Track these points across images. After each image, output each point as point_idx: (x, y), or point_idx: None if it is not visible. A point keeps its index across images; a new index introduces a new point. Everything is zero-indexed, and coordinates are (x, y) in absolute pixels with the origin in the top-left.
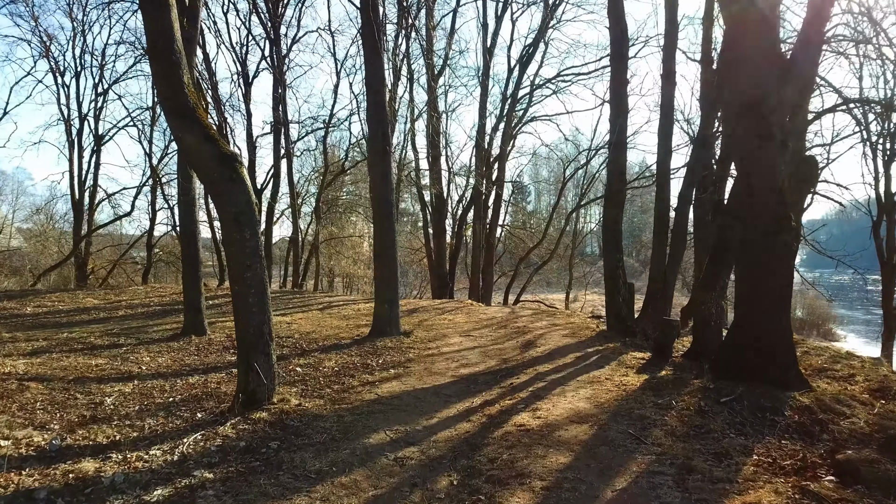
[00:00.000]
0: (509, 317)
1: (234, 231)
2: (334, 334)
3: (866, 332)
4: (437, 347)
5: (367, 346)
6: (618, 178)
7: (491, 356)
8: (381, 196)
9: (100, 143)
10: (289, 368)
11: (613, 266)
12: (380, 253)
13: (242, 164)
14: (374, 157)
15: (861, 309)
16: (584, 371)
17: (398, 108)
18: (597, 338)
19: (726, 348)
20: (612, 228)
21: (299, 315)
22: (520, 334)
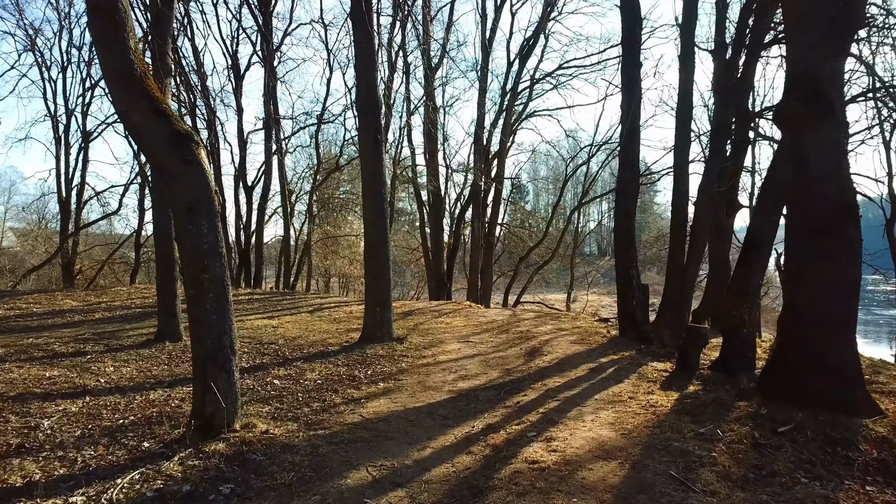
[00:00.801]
0: (511, 320)
1: (190, 223)
2: (321, 340)
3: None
4: (433, 355)
5: (356, 353)
6: (630, 168)
7: (493, 366)
8: (372, 189)
9: (87, 140)
10: (266, 380)
11: (626, 266)
12: (371, 251)
13: (200, 144)
14: (364, 147)
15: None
16: (602, 386)
17: (393, 102)
18: (609, 345)
19: (776, 365)
20: (625, 224)
21: (287, 318)
22: (523, 340)
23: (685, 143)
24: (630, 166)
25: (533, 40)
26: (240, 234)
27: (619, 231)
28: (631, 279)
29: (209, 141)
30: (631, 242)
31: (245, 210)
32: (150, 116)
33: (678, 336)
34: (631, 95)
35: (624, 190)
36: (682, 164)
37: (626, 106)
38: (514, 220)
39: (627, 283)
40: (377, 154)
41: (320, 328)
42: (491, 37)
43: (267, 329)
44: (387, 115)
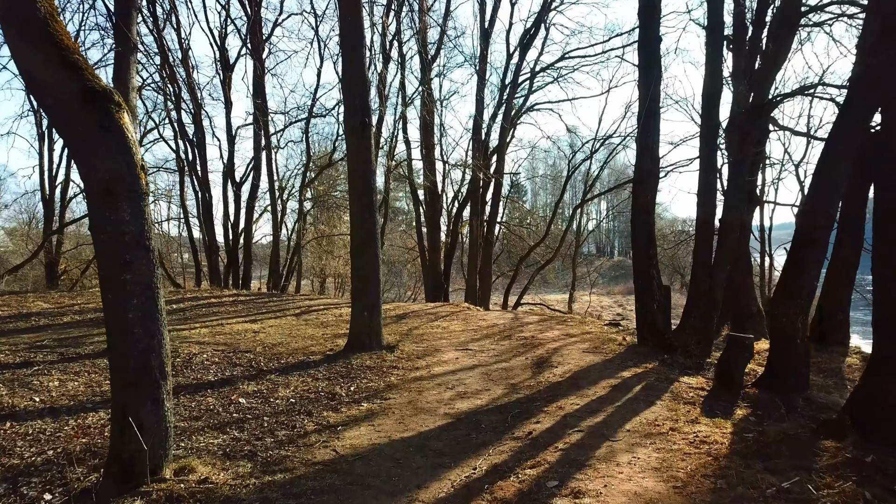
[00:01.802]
0: (513, 324)
1: (107, 208)
2: (304, 347)
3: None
4: (428, 366)
5: (340, 364)
6: (649, 156)
7: (495, 380)
8: (358, 179)
9: None
10: (230, 399)
11: (646, 265)
12: (358, 249)
13: (123, 107)
14: (350, 132)
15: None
16: (632, 411)
17: (388, 94)
18: (627, 355)
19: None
20: (644, 219)
21: (270, 322)
22: (528, 348)
23: (713, 129)
24: (649, 153)
25: (534, 30)
26: (228, 233)
27: (637, 226)
28: (651, 280)
29: (195, 135)
30: (651, 239)
31: (233, 208)
32: (56, 69)
33: (706, 345)
34: (649, 74)
35: (643, 180)
36: (711, 146)
37: (644, 86)
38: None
39: (647, 285)
40: (364, 140)
41: (304, 333)
42: (490, 26)
43: (246, 334)
44: (381, 107)
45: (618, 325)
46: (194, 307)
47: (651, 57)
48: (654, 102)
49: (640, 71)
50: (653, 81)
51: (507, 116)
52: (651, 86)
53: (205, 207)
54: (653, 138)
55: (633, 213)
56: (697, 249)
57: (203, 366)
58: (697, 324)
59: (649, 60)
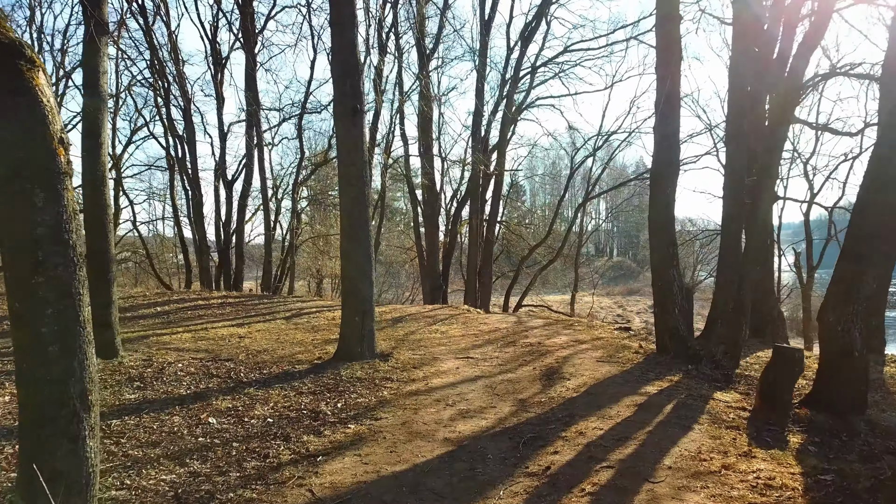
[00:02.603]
0: (516, 328)
1: (17, 195)
2: (290, 355)
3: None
4: (425, 378)
5: (328, 375)
6: (669, 145)
7: (501, 395)
8: (349, 171)
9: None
10: (199, 418)
11: (666, 265)
12: (348, 247)
13: (38, 65)
14: (341, 119)
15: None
16: (667, 438)
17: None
18: (647, 365)
19: None
20: (663, 215)
21: (258, 326)
22: (536, 356)
23: (740, 112)
24: (669, 143)
25: (535, 23)
26: (219, 232)
27: (655, 223)
28: (672, 282)
29: (185, 131)
30: (671, 237)
31: (225, 206)
32: None
33: (734, 355)
34: (669, 55)
35: (662, 172)
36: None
37: (663, 68)
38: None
39: (667, 287)
40: (356, 127)
41: (293, 339)
42: (490, 18)
43: (231, 340)
44: (377, 101)
45: (629, 330)
46: (179, 310)
47: (670, 37)
48: (674, 87)
49: (659, 53)
50: (672, 64)
51: (507, 112)
52: (671, 68)
53: (195, 206)
54: (673, 126)
55: (651, 210)
56: (724, 251)
57: (176, 377)
58: (724, 331)
59: (668, 41)
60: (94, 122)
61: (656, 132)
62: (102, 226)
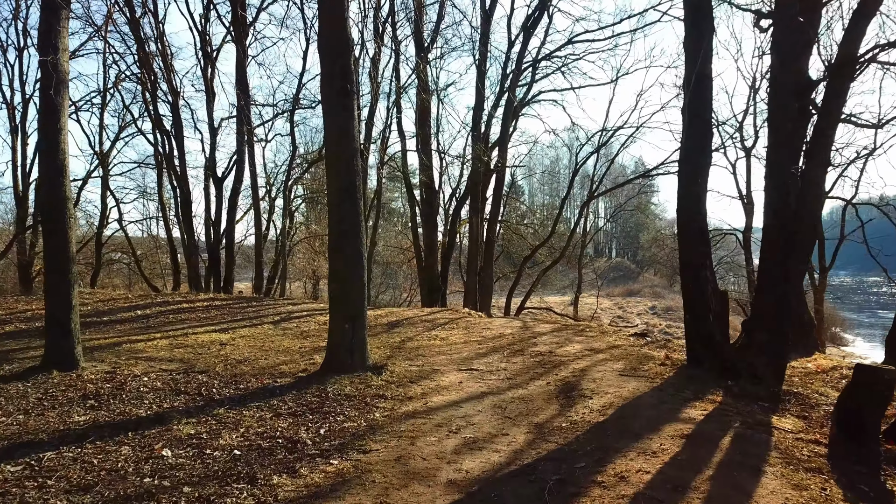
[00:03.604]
0: (522, 334)
1: None
2: (273, 366)
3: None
4: (423, 395)
5: (313, 391)
6: (701, 130)
7: (514, 417)
8: (338, 160)
9: None
10: (152, 449)
11: (697, 265)
12: (337, 246)
13: None
14: (328, 103)
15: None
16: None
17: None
18: (679, 380)
19: None
20: (694, 208)
21: (244, 331)
22: (548, 368)
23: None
24: (701, 126)
25: (537, 14)
26: (210, 232)
27: (685, 218)
28: (704, 284)
29: (173, 126)
30: (703, 233)
31: (215, 205)
32: None
33: (779, 368)
34: (700, 31)
35: (693, 160)
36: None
37: (695, 43)
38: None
39: (700, 290)
40: (346, 111)
41: (279, 346)
42: (491, 9)
43: (211, 347)
44: (373, 93)
45: (645, 337)
46: (161, 313)
47: (699, 11)
48: (706, 62)
49: (687, 26)
50: (704, 37)
51: (508, 107)
52: (702, 42)
53: (183, 204)
54: (705, 105)
55: (680, 203)
56: (767, 248)
57: (138, 394)
58: (768, 340)
59: (698, 17)
60: (51, 106)
61: (686, 114)
62: (61, 222)
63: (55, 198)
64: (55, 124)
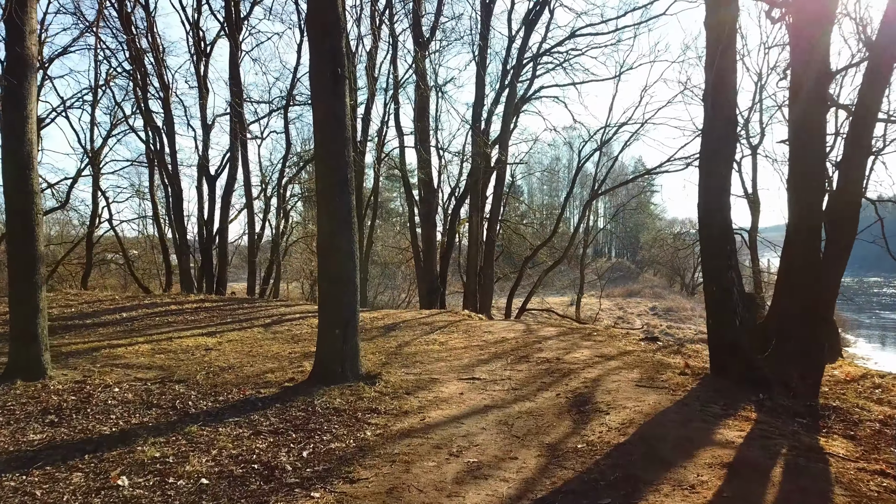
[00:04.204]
0: (526, 338)
1: None
2: (258, 374)
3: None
4: (421, 409)
5: (299, 405)
6: (724, 115)
7: (522, 437)
8: (328, 150)
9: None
10: (107, 477)
11: (722, 265)
12: (327, 244)
13: None
14: (318, 85)
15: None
16: None
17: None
18: (704, 392)
19: None
20: (718, 202)
21: (232, 335)
22: (557, 377)
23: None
24: (724, 112)
25: (539, 8)
26: (202, 231)
27: (708, 213)
28: (730, 286)
29: (164, 123)
30: (728, 230)
31: (208, 204)
32: None
33: (814, 379)
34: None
35: (716, 149)
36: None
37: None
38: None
39: (725, 293)
40: (338, 97)
41: (268, 351)
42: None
43: (195, 353)
44: (370, 88)
45: (657, 341)
46: (148, 316)
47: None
48: (731, 43)
49: (709, 5)
50: (729, 15)
51: (509, 103)
52: (726, 22)
53: (175, 202)
54: (728, 93)
55: (702, 197)
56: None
57: (105, 408)
58: (801, 349)
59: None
60: (17, 92)
61: (707, 101)
62: (27, 220)
63: (21, 193)
64: (22, 111)
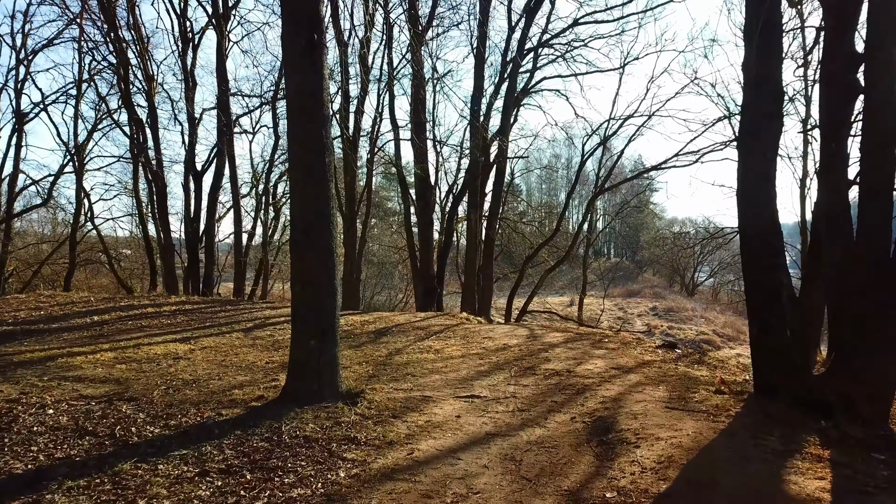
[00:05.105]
0: (530, 345)
1: None
2: (225, 389)
3: None
4: (409, 439)
5: (263, 431)
6: (770, 92)
7: (533, 479)
8: (304, 132)
9: (21, 122)
10: None
11: (767, 263)
12: (301, 239)
13: None
14: (291, 56)
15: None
16: None
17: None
18: (751, 417)
19: None
20: (760, 189)
21: (208, 341)
22: (569, 394)
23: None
24: (769, 87)
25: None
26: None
27: (748, 201)
28: (777, 289)
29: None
30: (773, 224)
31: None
32: None
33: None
34: None
35: (758, 131)
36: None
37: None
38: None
39: (771, 297)
40: (315, 70)
41: (243, 361)
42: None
43: (162, 362)
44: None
45: (675, 348)
46: (121, 319)
47: None
48: (774, 11)
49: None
50: None
51: (509, 96)
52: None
53: (159, 199)
54: (773, 63)
55: (741, 183)
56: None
57: (28, 435)
58: (866, 364)
59: None
60: None
61: (748, 73)
62: None
63: None
64: None
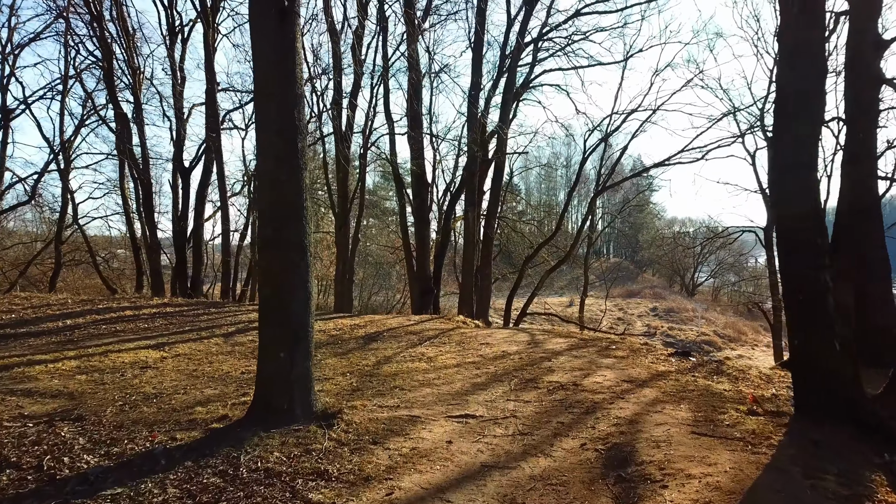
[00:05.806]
0: (531, 353)
1: None
2: (188, 406)
3: None
4: (390, 473)
5: (218, 462)
6: (811, 64)
7: None
8: (276, 112)
9: (8, 119)
10: None
11: (809, 264)
12: (271, 236)
13: None
14: (259, 27)
15: None
16: None
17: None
18: (798, 446)
19: None
20: (800, 180)
21: (183, 348)
22: (577, 414)
23: None
24: (811, 59)
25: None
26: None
27: (787, 193)
28: (823, 294)
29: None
30: (817, 218)
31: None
32: None
33: None
34: None
35: (797, 111)
36: None
37: None
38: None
39: (816, 302)
40: (286, 38)
41: (217, 370)
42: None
43: (126, 373)
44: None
45: (689, 357)
46: (95, 323)
47: None
48: None
49: None
50: None
51: (508, 90)
52: None
53: (144, 196)
54: (816, 35)
55: (778, 171)
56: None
57: None
58: None
59: None
60: None
61: (784, 47)
62: None
63: None
64: None
